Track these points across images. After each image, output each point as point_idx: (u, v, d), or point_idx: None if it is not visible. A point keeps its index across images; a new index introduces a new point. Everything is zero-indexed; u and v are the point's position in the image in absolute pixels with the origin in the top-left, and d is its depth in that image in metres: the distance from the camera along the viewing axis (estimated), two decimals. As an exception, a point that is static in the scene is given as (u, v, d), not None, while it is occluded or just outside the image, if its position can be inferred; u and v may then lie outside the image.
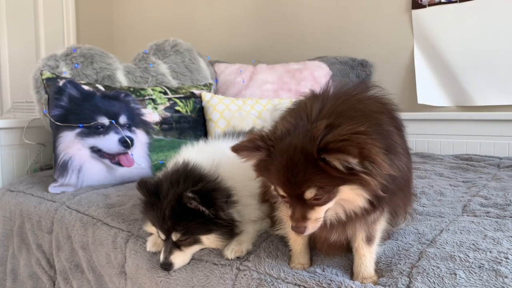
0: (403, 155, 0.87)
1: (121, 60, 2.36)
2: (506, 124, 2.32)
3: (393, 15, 2.64)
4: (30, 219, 1.75)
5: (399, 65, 2.65)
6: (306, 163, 0.79)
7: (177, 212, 1.09)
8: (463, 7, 2.40)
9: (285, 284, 0.96)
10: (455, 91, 2.47)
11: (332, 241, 0.97)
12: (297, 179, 0.79)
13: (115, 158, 1.88)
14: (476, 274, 0.87)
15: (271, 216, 1.17)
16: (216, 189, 1.11)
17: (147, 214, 1.18)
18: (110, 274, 1.37)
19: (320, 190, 0.79)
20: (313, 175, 0.79)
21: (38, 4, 3.46)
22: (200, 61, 2.60)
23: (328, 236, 0.95)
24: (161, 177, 1.19)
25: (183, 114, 2.10)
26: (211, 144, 1.48)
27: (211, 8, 3.43)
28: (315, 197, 0.80)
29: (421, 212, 1.32)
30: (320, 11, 2.92)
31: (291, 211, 0.84)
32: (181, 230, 1.10)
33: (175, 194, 1.10)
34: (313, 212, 0.82)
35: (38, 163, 2.29)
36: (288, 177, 0.80)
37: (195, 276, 1.10)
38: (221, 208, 1.10)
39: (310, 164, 0.78)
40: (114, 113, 1.92)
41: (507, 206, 1.33)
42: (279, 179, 0.82)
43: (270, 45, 3.14)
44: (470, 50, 2.40)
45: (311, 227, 0.82)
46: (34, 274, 1.78)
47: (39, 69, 2.04)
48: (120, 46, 3.92)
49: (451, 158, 2.27)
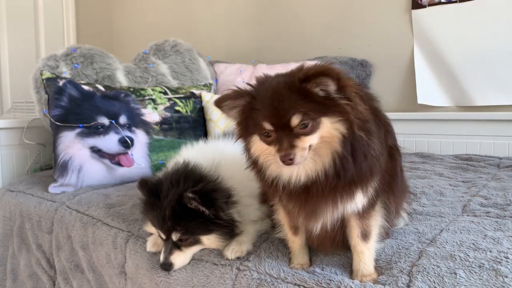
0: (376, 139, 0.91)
1: (121, 60, 2.36)
2: (506, 124, 2.32)
3: (393, 15, 2.64)
4: (30, 219, 1.75)
5: (399, 65, 2.65)
6: (290, 92, 0.85)
7: (177, 212, 1.09)
8: (463, 7, 2.40)
9: (285, 284, 0.96)
10: (455, 91, 2.48)
11: (319, 233, 0.98)
12: (283, 107, 0.85)
13: (115, 158, 1.88)
14: (476, 274, 0.87)
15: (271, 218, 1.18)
16: (216, 189, 1.11)
17: (147, 214, 1.18)
18: (110, 274, 1.37)
19: (305, 116, 0.84)
20: (297, 102, 0.84)
21: (38, 4, 3.46)
22: (200, 61, 2.61)
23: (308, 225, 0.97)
24: (162, 177, 1.19)
25: (183, 114, 2.10)
26: (211, 144, 1.49)
27: (211, 8, 3.43)
28: (301, 123, 0.84)
29: (421, 212, 1.32)
30: (320, 11, 2.92)
31: (279, 144, 0.85)
32: (181, 230, 1.10)
33: (175, 194, 1.10)
34: (300, 141, 0.85)
35: (38, 163, 2.29)
36: (275, 107, 0.85)
37: (195, 276, 1.10)
38: (221, 209, 1.10)
39: (294, 93, 0.85)
40: (114, 113, 1.92)
41: (507, 206, 1.33)
42: (266, 113, 0.86)
43: (270, 45, 3.14)
44: (470, 50, 2.40)
45: (299, 155, 0.84)
46: (34, 274, 1.78)
47: (39, 69, 2.04)
48: (120, 46, 3.92)
49: (451, 158, 2.27)
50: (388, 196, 1.02)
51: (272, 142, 0.87)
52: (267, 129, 0.87)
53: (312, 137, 0.85)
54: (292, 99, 0.85)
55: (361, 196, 0.93)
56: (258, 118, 0.88)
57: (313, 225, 0.97)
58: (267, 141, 0.88)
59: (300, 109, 0.84)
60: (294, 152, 0.83)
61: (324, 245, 1.05)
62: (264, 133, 0.88)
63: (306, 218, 0.95)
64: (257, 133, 0.90)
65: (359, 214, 0.96)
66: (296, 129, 0.84)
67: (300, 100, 0.84)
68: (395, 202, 1.06)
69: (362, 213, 0.96)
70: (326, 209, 0.92)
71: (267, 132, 0.87)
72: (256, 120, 0.89)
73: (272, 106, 0.86)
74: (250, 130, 0.92)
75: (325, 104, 0.85)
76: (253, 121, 0.90)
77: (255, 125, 0.89)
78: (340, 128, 0.85)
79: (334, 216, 0.95)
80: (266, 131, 0.87)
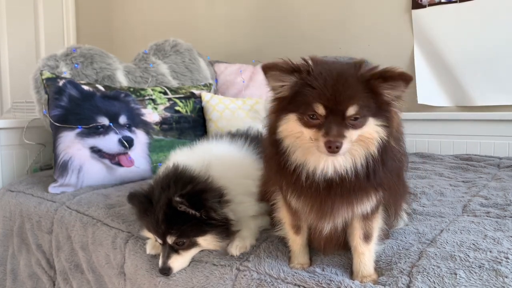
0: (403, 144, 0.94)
1: (121, 60, 2.35)
2: (506, 124, 2.32)
3: (393, 15, 2.64)
4: (30, 219, 1.74)
5: (399, 65, 2.59)
6: (357, 82, 0.83)
7: (169, 216, 1.09)
8: (463, 7, 2.40)
9: (285, 284, 0.96)
10: (455, 91, 2.47)
11: (328, 234, 0.97)
12: (345, 94, 0.82)
13: (115, 158, 1.88)
14: (476, 274, 0.87)
15: (271, 216, 1.17)
16: (206, 190, 1.11)
17: (142, 221, 1.19)
18: (109, 274, 1.37)
19: (360, 110, 0.82)
20: (361, 94, 0.83)
21: (38, 4, 3.46)
22: (200, 61, 2.60)
23: (319, 225, 0.95)
24: (153, 183, 1.19)
25: (183, 114, 2.10)
26: (199, 146, 1.48)
27: (211, 8, 3.43)
28: (355, 116, 0.82)
29: (421, 212, 1.32)
30: (320, 11, 2.92)
31: (328, 129, 0.81)
32: (175, 233, 1.10)
33: (166, 198, 1.10)
34: (348, 132, 0.82)
35: (38, 163, 2.29)
36: (336, 91, 0.82)
37: (195, 276, 1.10)
38: (212, 209, 1.09)
39: (360, 84, 0.83)
40: (114, 113, 1.91)
41: (507, 206, 1.33)
42: (323, 94, 0.82)
43: (270, 45, 3.13)
44: (470, 50, 2.40)
45: (345, 146, 0.81)
46: (34, 274, 1.78)
47: (39, 69, 2.03)
48: (120, 46, 3.92)
49: (451, 158, 2.27)
50: (389, 198, 1.01)
51: (317, 126, 0.82)
52: (318, 111, 0.82)
53: (356, 132, 0.83)
54: (357, 89, 0.83)
55: (375, 199, 0.92)
56: (310, 97, 0.83)
57: (324, 225, 0.95)
58: (311, 123, 0.83)
59: (360, 102, 0.82)
60: (342, 141, 0.80)
61: (329, 246, 1.04)
62: (311, 114, 0.83)
63: (319, 217, 0.94)
64: (298, 112, 0.84)
65: (363, 215, 0.96)
66: (347, 120, 0.82)
67: (364, 93, 0.83)
68: (395, 204, 1.06)
69: (366, 214, 0.95)
70: (342, 209, 0.91)
71: (314, 114, 0.82)
72: (306, 98, 0.83)
73: (334, 89, 0.82)
74: (290, 107, 0.86)
75: (380, 105, 0.85)
76: (301, 99, 0.84)
77: (301, 104, 0.84)
78: (381, 132, 0.85)
79: (348, 216, 0.94)
80: (314, 113, 0.82)
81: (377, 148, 0.86)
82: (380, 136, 0.85)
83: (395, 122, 0.87)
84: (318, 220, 0.95)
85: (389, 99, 0.85)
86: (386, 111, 0.86)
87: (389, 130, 0.86)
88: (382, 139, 0.85)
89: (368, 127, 0.84)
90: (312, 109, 0.82)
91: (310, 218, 0.96)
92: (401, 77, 0.84)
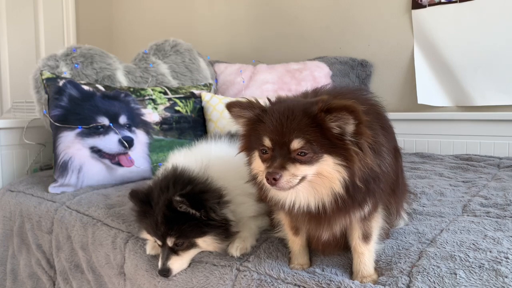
0: (386, 155, 0.89)
1: (121, 60, 2.35)
2: (506, 124, 2.32)
3: (393, 15, 2.64)
4: (30, 219, 1.74)
5: (399, 65, 2.65)
6: (303, 116, 0.81)
7: (169, 217, 1.09)
8: (463, 7, 2.40)
9: (285, 284, 0.96)
10: (455, 91, 2.47)
11: (326, 239, 0.98)
12: (289, 127, 0.81)
13: (115, 158, 1.88)
14: (476, 274, 0.87)
15: (271, 218, 1.18)
16: (206, 190, 1.11)
17: (141, 223, 1.19)
18: (109, 274, 1.37)
19: (308, 144, 0.80)
20: (306, 128, 0.81)
21: (38, 4, 3.46)
22: (200, 61, 2.60)
23: (317, 233, 0.96)
24: (152, 185, 1.19)
25: (183, 114, 2.10)
26: (198, 147, 1.48)
27: (211, 8, 3.43)
28: (301, 150, 0.80)
29: (421, 212, 1.32)
30: (320, 11, 2.92)
31: (271, 161, 0.81)
32: (175, 234, 1.09)
33: (165, 199, 1.10)
34: (293, 166, 0.81)
35: (38, 163, 2.29)
36: (281, 125, 0.82)
37: (195, 277, 1.10)
38: (212, 209, 1.09)
39: (306, 118, 0.81)
40: (114, 113, 1.91)
41: (507, 206, 1.33)
42: (270, 128, 0.83)
43: (270, 45, 3.14)
44: (470, 50, 2.40)
45: (285, 179, 0.79)
46: (34, 274, 1.78)
47: (39, 69, 2.04)
48: (120, 46, 3.92)
49: (451, 158, 2.27)
50: (389, 197, 1.02)
51: (267, 160, 0.83)
52: (266, 145, 0.83)
53: (308, 168, 0.81)
54: (302, 123, 0.81)
55: (370, 204, 0.93)
56: (261, 132, 0.85)
57: (322, 234, 0.96)
58: (263, 157, 0.85)
59: (306, 136, 0.80)
60: (281, 173, 0.79)
61: (329, 248, 1.04)
62: (262, 149, 0.84)
63: (316, 228, 0.94)
64: (258, 149, 0.87)
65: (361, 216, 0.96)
66: (294, 153, 0.81)
67: (310, 127, 0.81)
68: (396, 203, 1.06)
69: (364, 216, 0.96)
70: (339, 219, 0.92)
71: (265, 149, 0.84)
72: (259, 134, 0.86)
73: (279, 123, 0.82)
74: (253, 144, 0.89)
75: (334, 142, 0.81)
76: (256, 135, 0.87)
77: (256, 139, 0.86)
78: (341, 172, 0.82)
79: (346, 223, 0.95)
80: (265, 148, 0.84)
81: (342, 186, 0.83)
82: (342, 176, 0.82)
83: (358, 165, 0.81)
84: (315, 230, 0.96)
85: (339, 133, 0.81)
86: (342, 148, 0.81)
87: (351, 172, 0.81)
88: (346, 179, 0.82)
89: (324, 165, 0.82)
90: (262, 143, 0.84)
91: (307, 228, 0.97)
92: (345, 108, 0.78)
